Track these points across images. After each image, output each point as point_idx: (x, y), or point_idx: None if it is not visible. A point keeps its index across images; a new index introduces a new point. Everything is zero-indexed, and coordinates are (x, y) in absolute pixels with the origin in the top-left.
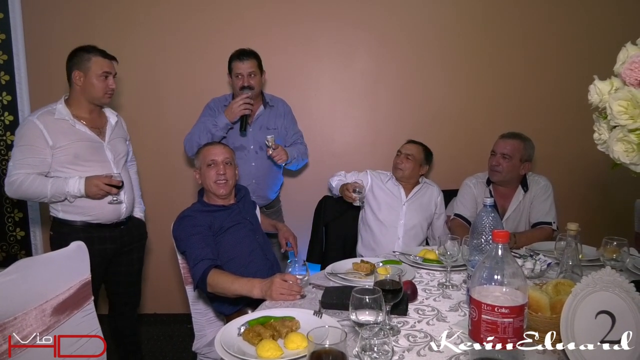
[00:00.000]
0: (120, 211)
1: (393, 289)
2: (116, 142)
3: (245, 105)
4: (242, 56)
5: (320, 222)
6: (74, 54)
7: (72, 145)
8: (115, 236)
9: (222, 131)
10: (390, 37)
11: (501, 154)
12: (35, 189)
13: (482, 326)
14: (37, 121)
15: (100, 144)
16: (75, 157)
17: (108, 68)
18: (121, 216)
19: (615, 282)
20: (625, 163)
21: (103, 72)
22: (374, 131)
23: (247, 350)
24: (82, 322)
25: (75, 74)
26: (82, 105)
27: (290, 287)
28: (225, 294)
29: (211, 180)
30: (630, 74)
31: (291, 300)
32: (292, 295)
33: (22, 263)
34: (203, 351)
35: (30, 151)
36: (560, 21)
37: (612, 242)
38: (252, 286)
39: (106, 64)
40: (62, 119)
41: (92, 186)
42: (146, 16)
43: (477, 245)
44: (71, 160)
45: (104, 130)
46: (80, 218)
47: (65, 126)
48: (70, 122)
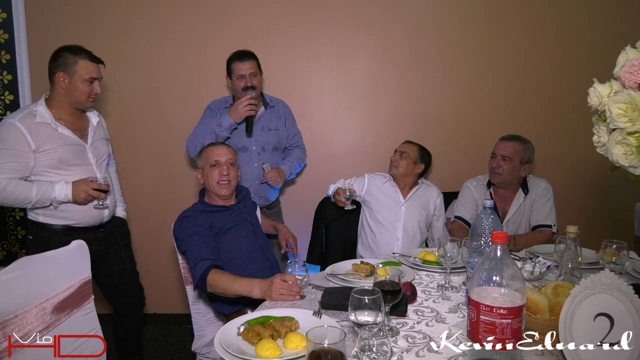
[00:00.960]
0: (103, 214)
1: (392, 290)
2: (98, 144)
3: (250, 105)
4: (243, 57)
5: (320, 224)
6: (58, 54)
7: (56, 149)
8: (98, 238)
9: (226, 132)
10: (390, 39)
11: (501, 156)
12: (19, 195)
13: (480, 327)
14: (18, 124)
15: (83, 147)
16: (59, 161)
17: (95, 73)
18: (105, 218)
19: (614, 284)
20: (624, 166)
21: (90, 77)
22: (374, 133)
23: (246, 349)
24: (83, 321)
25: (59, 75)
26: (64, 107)
27: (290, 288)
28: (225, 294)
29: (214, 181)
30: (629, 77)
31: (291, 300)
32: (291, 295)
33: (23, 261)
34: (202, 351)
35: (13, 155)
36: (560, 24)
37: (612, 245)
38: (252, 286)
39: (93, 68)
40: (44, 122)
41: (80, 192)
42: (147, 17)
43: (477, 247)
44: (55, 165)
45: (85, 133)
46: (62, 222)
47: (48, 130)
48: (53, 125)
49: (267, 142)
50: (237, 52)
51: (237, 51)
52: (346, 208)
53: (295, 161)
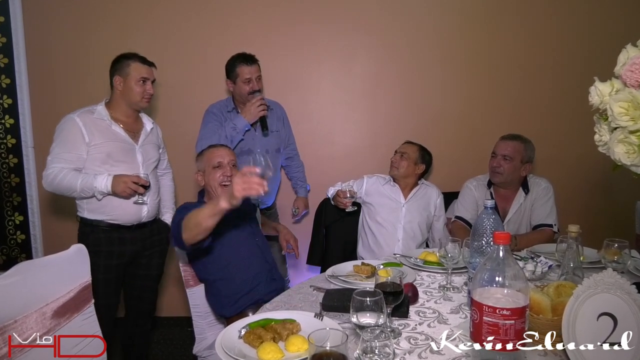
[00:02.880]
0: (141, 213)
1: (394, 291)
2: (148, 147)
3: (263, 106)
4: (249, 60)
5: (320, 225)
6: (117, 60)
7: (106, 144)
8: (135, 238)
9: (240, 134)
10: (390, 40)
11: (502, 156)
12: (67, 183)
13: (483, 328)
14: (77, 118)
15: (132, 146)
16: (107, 155)
17: (146, 74)
18: (142, 219)
19: (617, 284)
20: (627, 164)
21: (141, 77)
22: (374, 134)
23: (248, 353)
24: (82, 326)
25: (116, 79)
26: (121, 109)
27: (250, 180)
28: (199, 227)
29: (217, 182)
30: (630, 76)
31: (255, 194)
32: (253, 188)
33: (23, 266)
34: (204, 354)
35: (67, 146)
36: (560, 22)
37: (613, 244)
38: (217, 200)
39: (144, 69)
40: (100, 118)
41: (120, 183)
42: (146, 20)
43: (478, 248)
44: (103, 159)
45: (138, 135)
46: (102, 217)
47: (103, 125)
48: (108, 122)
49: (270, 144)
50: (241, 55)
51: (240, 54)
52: (347, 210)
53: (304, 179)
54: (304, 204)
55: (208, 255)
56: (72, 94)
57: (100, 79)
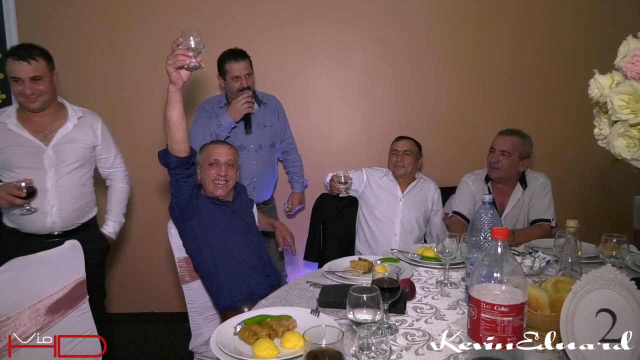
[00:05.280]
0: (43, 223)
1: (391, 287)
2: (66, 147)
3: (248, 103)
4: (237, 57)
5: (317, 220)
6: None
7: (5, 149)
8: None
9: (226, 131)
10: (385, 35)
11: (500, 151)
12: None
13: (481, 325)
14: None
15: (39, 149)
16: (7, 162)
17: (17, 73)
18: (48, 230)
19: (615, 279)
20: (627, 159)
21: (11, 77)
22: (370, 128)
23: (243, 349)
24: (77, 322)
25: None
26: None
27: (174, 54)
28: (169, 121)
29: (210, 179)
30: (631, 68)
31: (182, 63)
32: (178, 59)
33: (16, 262)
34: (200, 350)
35: None
36: (557, 16)
37: (612, 239)
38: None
39: (16, 67)
40: (1, 122)
41: (0, 192)
42: (140, 18)
43: (476, 243)
44: (4, 165)
45: (51, 135)
46: (11, 225)
47: (2, 130)
48: (9, 125)
49: (264, 139)
50: (230, 51)
51: (229, 50)
52: (341, 195)
53: (301, 174)
54: (299, 200)
55: (202, 249)
56: (69, 93)
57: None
